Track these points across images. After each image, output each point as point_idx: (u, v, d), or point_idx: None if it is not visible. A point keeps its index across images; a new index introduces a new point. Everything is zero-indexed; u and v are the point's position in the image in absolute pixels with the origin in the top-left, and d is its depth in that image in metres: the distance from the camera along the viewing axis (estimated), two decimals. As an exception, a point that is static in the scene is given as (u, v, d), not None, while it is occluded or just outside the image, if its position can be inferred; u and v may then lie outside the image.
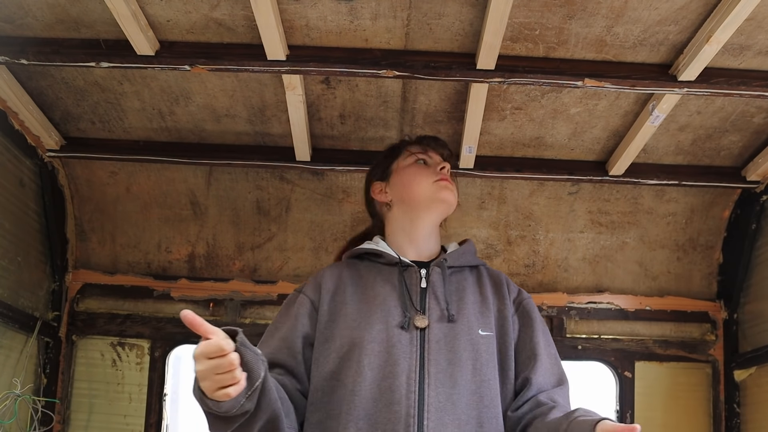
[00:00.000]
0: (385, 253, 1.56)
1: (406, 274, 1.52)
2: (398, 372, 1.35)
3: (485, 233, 2.40)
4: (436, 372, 1.37)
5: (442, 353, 1.40)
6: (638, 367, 2.34)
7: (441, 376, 1.37)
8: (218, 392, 1.14)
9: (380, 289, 1.49)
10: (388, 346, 1.39)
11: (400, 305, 1.45)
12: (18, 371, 2.10)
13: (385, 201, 1.66)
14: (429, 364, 1.37)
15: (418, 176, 1.62)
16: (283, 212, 2.37)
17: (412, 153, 1.68)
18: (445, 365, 1.38)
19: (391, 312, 1.44)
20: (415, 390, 1.34)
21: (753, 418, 2.22)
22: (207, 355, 1.13)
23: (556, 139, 2.13)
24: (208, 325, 1.14)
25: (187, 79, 1.92)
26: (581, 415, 1.29)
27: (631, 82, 1.76)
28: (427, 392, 1.34)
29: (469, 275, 1.58)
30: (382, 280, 1.52)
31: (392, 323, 1.42)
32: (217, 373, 1.13)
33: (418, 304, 1.46)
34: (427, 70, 1.74)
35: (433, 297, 1.48)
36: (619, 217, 2.37)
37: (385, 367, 1.36)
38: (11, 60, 1.76)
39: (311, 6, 1.61)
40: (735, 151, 2.15)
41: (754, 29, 1.63)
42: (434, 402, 1.33)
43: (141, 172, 2.32)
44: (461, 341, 1.42)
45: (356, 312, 1.45)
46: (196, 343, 1.16)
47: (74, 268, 2.39)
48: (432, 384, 1.35)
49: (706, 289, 2.41)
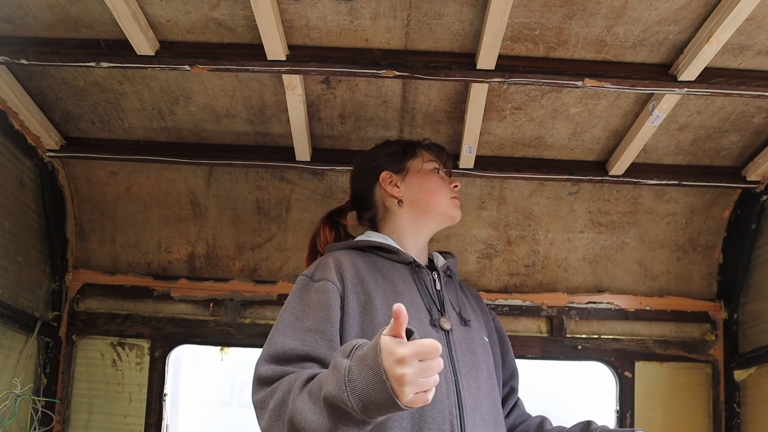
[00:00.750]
0: (399, 250, 1.55)
1: (422, 274, 1.53)
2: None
3: (485, 233, 2.40)
4: (465, 373, 1.40)
5: (466, 355, 1.44)
6: (638, 367, 2.34)
7: (469, 378, 1.40)
8: (417, 397, 1.06)
9: (402, 286, 1.47)
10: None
11: (425, 304, 1.46)
12: (18, 371, 2.10)
13: (395, 195, 1.63)
14: (458, 365, 1.40)
15: (441, 188, 1.63)
16: (283, 212, 2.37)
17: (431, 160, 1.68)
18: (470, 367, 1.42)
19: (420, 310, 1.44)
20: (454, 390, 1.36)
21: (753, 418, 2.22)
22: (422, 356, 1.04)
23: (556, 139, 2.13)
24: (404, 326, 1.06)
25: (187, 79, 1.92)
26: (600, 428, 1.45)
27: (631, 82, 1.76)
28: (463, 392, 1.37)
29: (459, 285, 1.66)
30: (400, 276, 1.50)
31: (425, 321, 1.42)
32: (424, 377, 1.05)
33: (439, 306, 1.49)
34: (427, 70, 1.74)
35: (447, 300, 1.52)
36: (619, 217, 2.37)
37: None
38: (11, 60, 1.76)
39: (311, 6, 1.61)
40: (735, 151, 2.15)
41: (754, 29, 1.63)
42: (468, 402, 1.36)
43: (141, 172, 2.32)
44: (477, 345, 1.48)
45: (387, 307, 1.41)
46: (196, 344, 1.13)
47: (74, 268, 2.39)
48: (465, 384, 1.38)
49: (706, 289, 2.41)
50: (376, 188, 1.66)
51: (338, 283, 1.42)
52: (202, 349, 2.43)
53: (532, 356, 2.35)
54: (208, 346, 2.38)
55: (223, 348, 2.42)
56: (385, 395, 1.05)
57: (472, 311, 1.59)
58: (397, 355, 1.03)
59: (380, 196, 1.66)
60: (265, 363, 1.33)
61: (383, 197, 1.65)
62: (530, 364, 2.42)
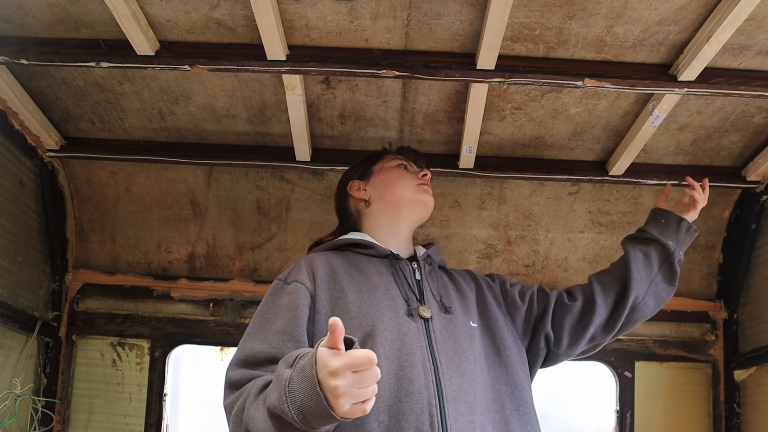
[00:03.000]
0: (375, 244, 1.56)
1: (401, 266, 1.54)
2: (414, 361, 1.34)
3: (485, 233, 2.40)
4: (447, 362, 1.37)
5: (448, 343, 1.41)
6: (638, 367, 2.34)
7: (451, 366, 1.37)
8: (355, 408, 1.05)
9: (378, 279, 1.48)
10: (401, 335, 1.37)
11: (401, 295, 1.46)
12: (18, 371, 2.10)
13: (362, 198, 1.66)
14: (439, 354, 1.37)
15: (402, 177, 1.65)
16: (283, 212, 2.37)
17: (395, 158, 1.72)
18: (452, 355, 1.39)
19: (396, 300, 1.43)
20: (432, 380, 1.33)
21: (753, 418, 2.22)
22: (355, 368, 1.04)
23: (556, 139, 2.13)
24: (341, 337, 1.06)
25: (187, 79, 1.92)
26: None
27: (631, 82, 1.76)
28: (443, 382, 1.34)
29: (445, 274, 1.63)
30: (376, 270, 1.51)
31: (400, 311, 1.41)
32: (359, 387, 1.04)
33: (418, 295, 1.48)
34: (427, 70, 1.74)
35: (428, 289, 1.50)
36: (619, 217, 2.37)
37: (401, 357, 1.34)
38: (11, 60, 1.76)
39: (311, 6, 1.61)
40: (735, 151, 2.15)
41: (754, 29, 1.63)
42: (450, 391, 1.33)
43: (141, 172, 2.32)
44: (460, 332, 1.44)
45: (359, 301, 1.42)
46: (196, 344, 1.13)
47: (74, 268, 2.39)
48: (446, 373, 1.35)
49: (706, 289, 2.41)
50: (349, 199, 1.71)
51: (309, 282, 1.43)
52: (202, 349, 2.43)
53: (532, 356, 2.35)
54: (208, 346, 2.38)
55: (223, 348, 2.42)
56: (321, 407, 1.05)
57: (459, 296, 1.54)
58: (330, 367, 1.04)
59: (353, 204, 1.70)
60: (235, 367, 1.34)
61: (355, 204, 1.69)
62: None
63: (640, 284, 1.57)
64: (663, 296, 1.60)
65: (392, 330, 1.37)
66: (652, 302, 1.59)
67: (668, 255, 1.61)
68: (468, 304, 1.54)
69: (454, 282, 1.61)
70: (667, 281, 1.60)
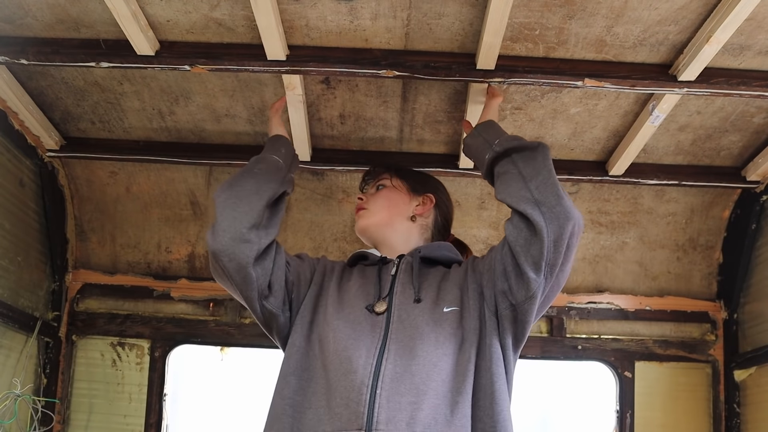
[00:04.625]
0: (369, 254, 1.69)
1: (384, 267, 1.62)
2: (359, 345, 1.41)
3: (485, 233, 2.39)
4: (397, 348, 1.41)
5: (406, 330, 1.44)
6: (638, 367, 2.34)
7: (401, 350, 1.40)
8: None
9: (361, 281, 1.59)
10: (354, 323, 1.46)
11: (372, 291, 1.55)
12: (18, 371, 2.10)
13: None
14: (390, 341, 1.42)
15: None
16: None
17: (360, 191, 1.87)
18: (407, 340, 1.42)
19: (360, 299, 1.53)
20: (373, 362, 1.38)
21: (753, 418, 2.22)
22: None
23: (556, 139, 2.13)
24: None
25: (187, 79, 1.92)
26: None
27: (631, 82, 1.76)
28: (385, 364, 1.38)
29: (441, 269, 1.62)
30: (361, 276, 1.61)
31: (360, 306, 1.51)
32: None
33: (386, 290, 1.54)
34: (427, 70, 1.74)
35: (400, 282, 1.55)
36: (619, 217, 2.37)
37: (347, 340, 1.43)
38: (11, 60, 1.76)
39: (311, 6, 1.61)
40: (735, 151, 2.15)
41: (754, 29, 1.63)
42: (390, 372, 1.37)
43: (141, 172, 2.32)
44: (424, 318, 1.46)
45: (332, 300, 1.54)
46: (196, 344, 1.17)
47: (74, 268, 2.39)
48: (391, 357, 1.39)
49: (706, 289, 2.41)
50: None
51: (321, 268, 1.64)
52: (202, 349, 2.43)
53: (532, 356, 2.35)
54: (208, 346, 2.38)
55: (223, 348, 2.43)
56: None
57: (438, 284, 1.54)
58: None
59: None
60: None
61: None
62: (530, 364, 2.42)
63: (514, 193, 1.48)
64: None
65: (346, 320, 1.48)
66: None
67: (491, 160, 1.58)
68: (446, 291, 1.53)
69: (446, 272, 1.60)
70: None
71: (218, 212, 1.46)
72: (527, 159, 1.50)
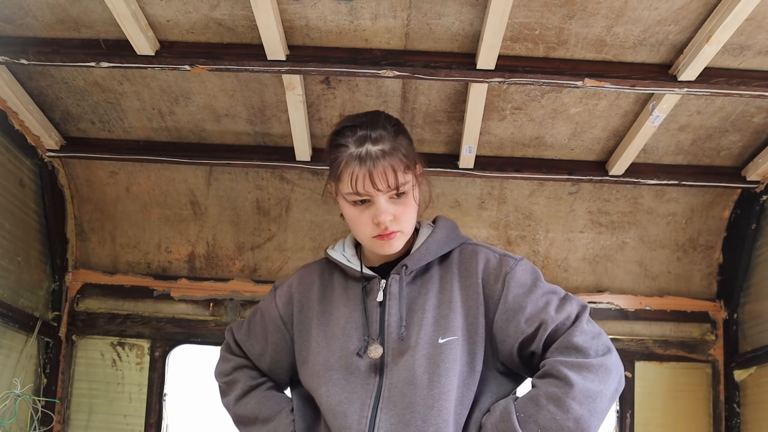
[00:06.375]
0: (348, 267, 1.50)
1: (368, 287, 1.48)
2: (353, 399, 1.39)
3: (485, 233, 2.39)
4: (390, 396, 1.37)
5: (400, 374, 1.38)
6: (638, 367, 2.34)
7: (395, 398, 1.37)
8: None
9: (343, 310, 1.48)
10: (347, 374, 1.42)
11: (361, 327, 1.45)
12: (18, 371, 2.10)
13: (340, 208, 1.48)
14: (384, 389, 1.39)
15: (358, 220, 1.42)
16: (283, 212, 2.37)
17: (349, 193, 1.39)
18: (402, 386, 1.37)
19: (351, 337, 1.44)
20: (368, 415, 1.36)
21: (753, 418, 2.22)
22: None
23: (556, 139, 2.13)
24: None
25: (187, 79, 1.92)
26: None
27: (631, 82, 1.76)
28: (379, 416, 1.36)
29: (436, 272, 1.48)
30: (345, 298, 1.50)
31: (351, 349, 1.43)
32: None
33: (376, 327, 1.44)
34: (427, 70, 1.74)
35: (389, 314, 1.43)
36: (619, 217, 2.37)
37: (342, 394, 1.40)
38: (11, 60, 1.77)
39: (311, 6, 1.61)
40: (735, 151, 2.15)
41: (754, 29, 1.63)
42: (384, 425, 1.35)
43: (141, 172, 2.32)
44: (417, 357, 1.38)
45: (321, 335, 1.48)
46: (196, 344, 1.16)
47: (74, 268, 2.39)
48: (385, 408, 1.37)
49: (706, 289, 2.41)
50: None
51: (285, 309, 1.57)
52: (202, 349, 2.43)
53: (532, 356, 2.35)
54: (208, 346, 2.38)
55: (223, 348, 2.42)
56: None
57: (436, 308, 1.42)
58: None
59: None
60: (233, 336, 1.65)
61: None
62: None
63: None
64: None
65: (338, 369, 1.42)
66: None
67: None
68: (443, 317, 1.42)
69: (444, 282, 1.47)
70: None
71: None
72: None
